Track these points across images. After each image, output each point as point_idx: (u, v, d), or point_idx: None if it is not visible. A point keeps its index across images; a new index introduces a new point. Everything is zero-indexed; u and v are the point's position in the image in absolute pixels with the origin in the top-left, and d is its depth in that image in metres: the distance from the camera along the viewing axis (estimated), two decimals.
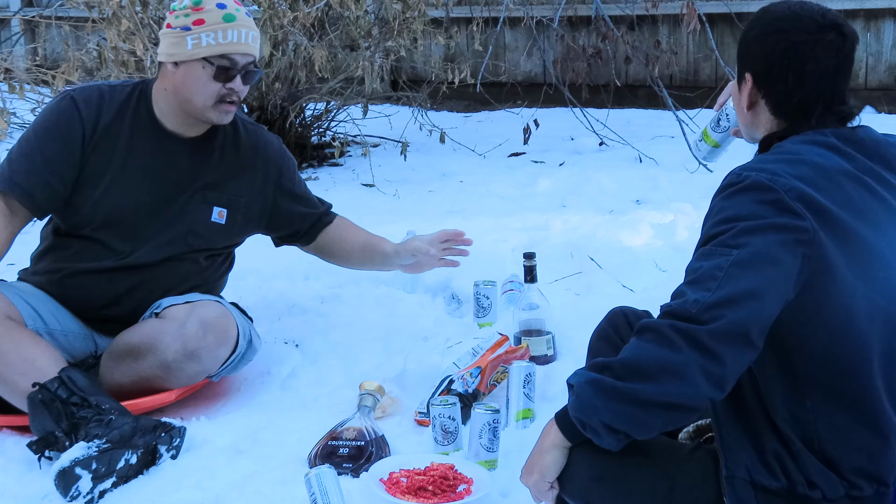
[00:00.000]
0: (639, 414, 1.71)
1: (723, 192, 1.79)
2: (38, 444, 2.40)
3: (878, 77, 6.20)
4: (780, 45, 1.88)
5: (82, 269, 2.76)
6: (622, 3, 6.46)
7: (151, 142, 2.76)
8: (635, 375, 1.70)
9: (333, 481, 2.15)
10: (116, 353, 2.68)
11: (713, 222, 1.77)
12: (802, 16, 1.89)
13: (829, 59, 1.85)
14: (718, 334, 1.67)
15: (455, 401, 2.46)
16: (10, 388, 2.52)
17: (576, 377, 1.79)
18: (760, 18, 1.97)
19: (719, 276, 1.69)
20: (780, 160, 1.80)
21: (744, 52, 1.97)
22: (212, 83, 2.67)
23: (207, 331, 2.64)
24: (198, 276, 2.87)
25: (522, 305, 3.04)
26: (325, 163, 5.75)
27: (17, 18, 6.98)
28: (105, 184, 2.72)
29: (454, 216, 4.49)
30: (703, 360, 1.66)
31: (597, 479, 1.81)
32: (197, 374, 2.68)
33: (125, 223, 2.74)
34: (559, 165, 5.42)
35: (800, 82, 1.87)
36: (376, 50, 5.43)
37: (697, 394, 1.68)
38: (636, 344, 1.73)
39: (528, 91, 6.68)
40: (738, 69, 1.99)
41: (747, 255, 1.69)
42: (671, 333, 1.68)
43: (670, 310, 1.71)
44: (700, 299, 1.68)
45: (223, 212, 2.84)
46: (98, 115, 2.72)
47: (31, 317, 2.68)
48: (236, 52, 2.67)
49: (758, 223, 1.71)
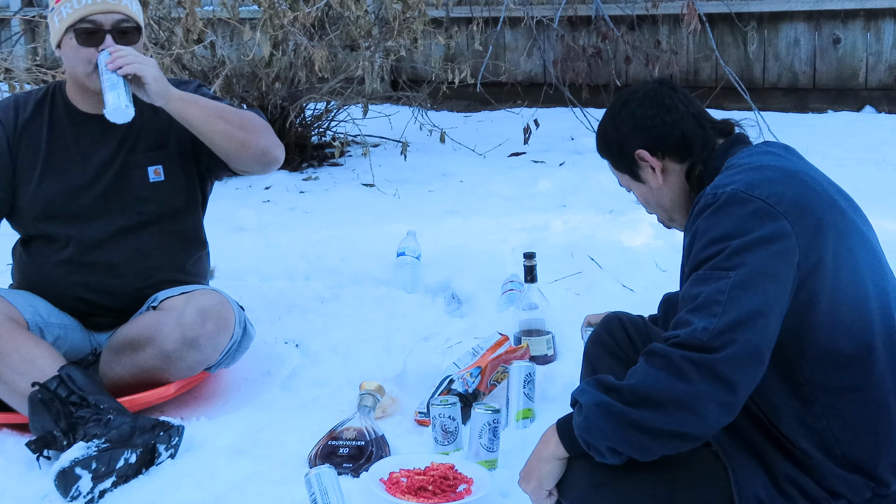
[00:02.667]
0: (646, 441, 1.71)
1: (703, 213, 1.80)
2: (36, 443, 2.40)
3: (878, 77, 6.20)
4: (641, 112, 2.02)
5: (50, 267, 2.79)
6: (622, 3, 6.46)
7: (71, 127, 2.80)
8: (645, 404, 1.69)
9: (333, 481, 2.15)
10: (116, 347, 2.69)
11: (702, 244, 1.77)
12: (636, 90, 2.07)
13: (676, 96, 2.04)
14: (733, 360, 1.66)
15: (455, 401, 2.46)
16: (9, 389, 2.53)
17: (584, 395, 1.78)
18: (614, 117, 2.08)
19: (722, 301, 1.68)
20: (742, 171, 1.84)
21: (619, 145, 2.06)
22: (82, 50, 2.66)
23: (206, 318, 2.65)
24: (165, 254, 2.84)
25: (522, 305, 3.04)
26: (326, 163, 5.75)
27: (17, 18, 6.98)
28: (37, 177, 2.76)
29: (454, 216, 4.49)
30: (717, 389, 1.66)
31: (596, 485, 1.81)
32: (197, 364, 2.69)
33: (65, 209, 2.76)
34: (559, 165, 5.42)
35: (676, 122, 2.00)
36: (376, 50, 5.43)
37: (707, 424, 1.69)
38: (646, 370, 1.71)
39: (528, 91, 6.68)
40: (620, 167, 2.08)
41: (746, 275, 1.69)
42: (683, 364, 1.66)
43: (679, 341, 1.69)
44: (708, 326, 1.67)
45: (158, 169, 2.82)
46: (16, 117, 2.79)
47: (30, 312, 2.69)
48: (94, 12, 2.64)
49: (747, 239, 1.72)
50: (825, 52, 6.29)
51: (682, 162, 2.01)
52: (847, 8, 6.14)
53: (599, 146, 2.12)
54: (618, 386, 1.73)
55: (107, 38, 2.65)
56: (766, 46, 6.43)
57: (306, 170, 5.61)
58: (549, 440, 1.86)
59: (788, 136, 5.19)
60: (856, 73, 6.24)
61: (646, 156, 2.01)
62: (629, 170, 2.06)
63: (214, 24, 5.47)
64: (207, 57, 5.48)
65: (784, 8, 6.30)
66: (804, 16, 6.30)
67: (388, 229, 4.07)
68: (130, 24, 2.70)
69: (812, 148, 5.07)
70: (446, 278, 3.58)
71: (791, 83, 6.41)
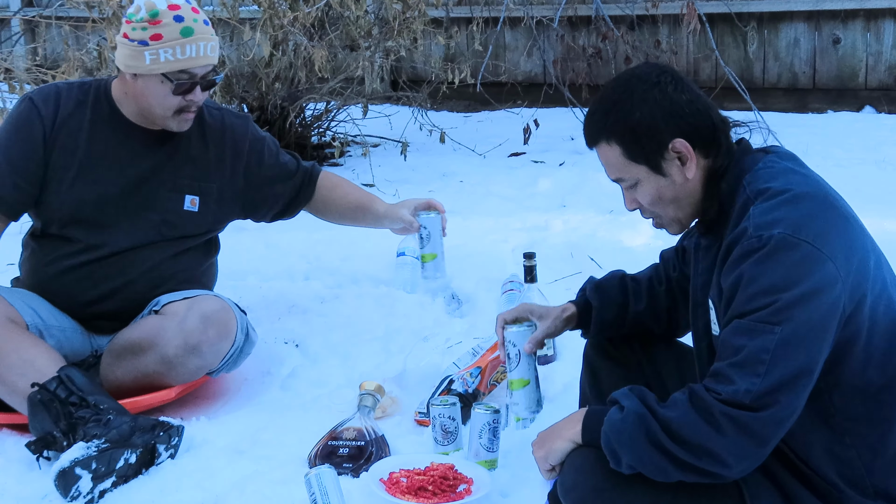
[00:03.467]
0: (669, 468, 1.72)
1: (748, 257, 1.72)
2: (36, 444, 2.40)
3: (878, 77, 6.20)
4: (677, 96, 1.84)
5: (60, 269, 2.77)
6: (622, 3, 6.46)
7: (114, 133, 2.77)
8: (677, 440, 1.69)
9: (333, 481, 2.15)
10: (117, 351, 2.68)
11: (749, 294, 1.70)
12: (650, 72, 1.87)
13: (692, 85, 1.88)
14: (772, 420, 1.67)
15: (455, 401, 2.46)
16: (9, 389, 2.53)
17: (627, 400, 1.77)
18: (644, 98, 1.84)
19: (766, 360, 1.66)
20: (781, 204, 1.75)
21: (650, 132, 1.83)
22: (171, 97, 2.67)
23: (208, 325, 2.64)
24: (178, 264, 2.85)
25: None
26: (326, 163, 5.75)
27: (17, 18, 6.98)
28: (70, 178, 2.74)
29: (454, 216, 4.47)
30: (749, 445, 1.67)
31: (598, 489, 1.81)
32: (198, 369, 2.68)
33: (93, 216, 2.75)
34: (559, 165, 5.42)
35: (706, 111, 1.85)
36: (376, 50, 5.43)
37: (732, 473, 1.70)
38: (686, 410, 1.70)
39: (528, 91, 6.67)
40: (639, 156, 1.85)
41: (792, 332, 1.66)
42: (721, 418, 1.66)
43: (721, 399, 1.67)
44: (751, 389, 1.65)
45: (195, 199, 2.83)
46: (56, 112, 2.74)
47: (29, 314, 2.69)
48: (195, 66, 2.65)
49: (796, 294, 1.67)
50: (825, 52, 6.29)
51: (706, 157, 1.86)
52: (847, 8, 6.14)
53: (613, 129, 1.85)
54: (655, 409, 1.73)
55: (197, 89, 2.68)
56: (766, 46, 6.42)
57: None
58: (574, 422, 1.86)
59: (788, 136, 5.19)
60: (856, 74, 6.24)
61: (683, 146, 1.83)
62: (651, 160, 1.84)
63: (214, 24, 5.45)
64: None
65: (784, 8, 6.29)
66: (804, 16, 6.30)
67: (388, 229, 4.07)
68: (214, 72, 2.74)
69: (812, 148, 5.07)
70: (446, 278, 3.58)
71: (791, 83, 6.41)
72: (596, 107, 1.90)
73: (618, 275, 2.27)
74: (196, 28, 2.65)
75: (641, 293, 2.21)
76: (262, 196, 2.99)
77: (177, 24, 2.62)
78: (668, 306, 2.21)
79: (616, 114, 1.84)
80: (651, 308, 2.21)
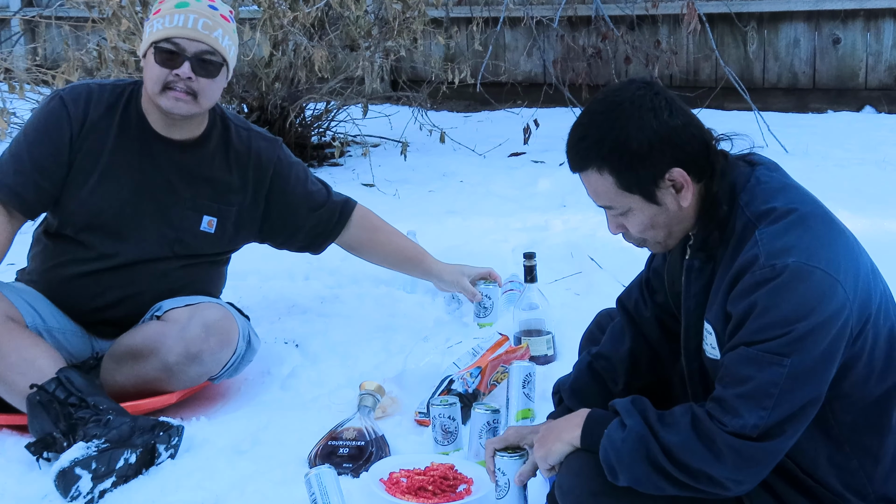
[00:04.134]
0: (666, 487, 1.72)
1: (761, 286, 1.68)
2: (36, 445, 2.40)
3: (878, 77, 6.20)
4: (672, 122, 1.75)
5: (70, 273, 2.75)
6: (622, 3, 6.46)
7: (139, 143, 2.74)
8: (677, 464, 1.69)
9: (333, 481, 2.15)
10: (118, 356, 2.68)
11: (762, 325, 1.67)
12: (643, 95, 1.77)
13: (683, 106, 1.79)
14: (779, 450, 1.68)
15: (455, 401, 2.46)
16: (9, 388, 2.52)
17: (630, 417, 1.74)
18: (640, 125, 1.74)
19: (774, 394, 1.65)
20: (790, 227, 1.71)
21: (644, 161, 1.74)
22: (157, 68, 2.63)
23: (210, 333, 2.64)
24: (189, 278, 2.84)
25: (522, 305, 3.04)
26: (325, 163, 5.75)
27: (17, 18, 6.98)
28: (92, 183, 2.71)
29: (454, 216, 4.49)
30: (751, 472, 1.67)
31: (595, 493, 1.81)
32: (199, 377, 2.68)
33: (109, 224, 2.72)
34: (559, 165, 5.41)
35: (699, 135, 1.78)
36: (376, 50, 5.43)
37: (730, 496, 1.71)
38: (687, 437, 1.69)
39: (528, 91, 6.67)
40: (632, 186, 1.77)
41: (801, 366, 1.65)
42: (724, 448, 1.66)
43: (727, 430, 1.66)
44: (759, 424, 1.65)
45: (213, 221, 2.81)
46: (86, 114, 2.71)
47: (30, 315, 2.68)
48: (181, 36, 2.61)
49: (811, 324, 1.65)
50: (825, 52, 6.29)
51: (699, 181, 1.79)
52: (847, 8, 6.14)
53: (606, 158, 1.76)
54: (657, 431, 1.71)
55: (185, 64, 2.62)
56: (766, 46, 6.43)
57: None
58: (573, 426, 1.85)
59: (788, 136, 5.19)
60: (856, 73, 6.24)
61: (680, 176, 1.76)
62: (645, 190, 1.77)
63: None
64: None
65: (784, 8, 6.29)
66: (804, 16, 6.30)
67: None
68: (215, 57, 2.66)
69: (812, 148, 5.07)
70: None
71: (791, 83, 6.41)
72: (585, 132, 1.80)
73: (584, 364, 2.18)
74: (192, 4, 2.64)
75: (616, 371, 2.12)
76: (281, 223, 2.95)
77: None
78: (650, 356, 2.12)
79: (610, 143, 1.75)
80: (633, 374, 2.13)
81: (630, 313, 2.15)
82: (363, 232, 3.05)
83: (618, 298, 2.21)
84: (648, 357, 2.12)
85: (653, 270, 2.12)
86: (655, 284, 2.11)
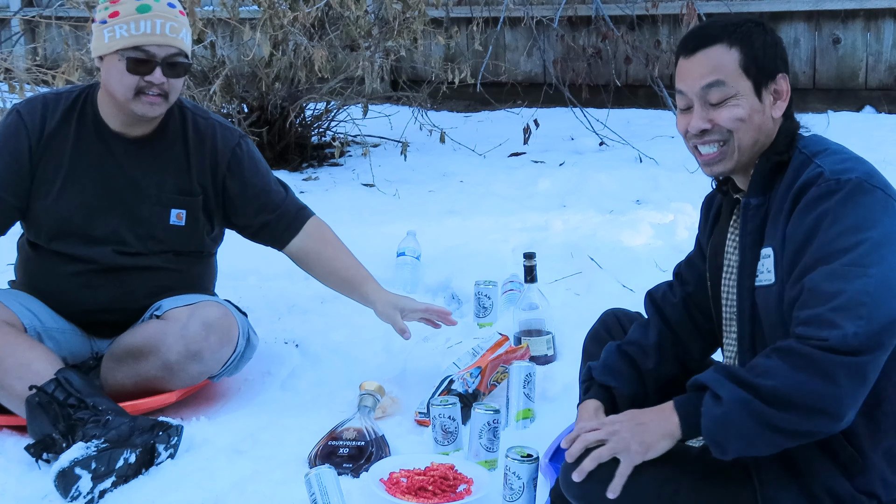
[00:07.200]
0: (780, 441, 1.70)
1: (827, 198, 1.75)
2: (35, 447, 2.40)
3: (878, 77, 6.20)
4: (782, 44, 1.97)
5: (57, 281, 2.75)
6: (622, 3, 6.46)
7: (97, 144, 2.73)
8: (785, 406, 1.66)
9: (333, 481, 2.15)
10: (118, 355, 2.68)
11: (835, 232, 1.72)
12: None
13: None
14: (879, 362, 1.67)
15: (455, 401, 2.46)
16: (7, 393, 2.52)
17: (722, 388, 1.72)
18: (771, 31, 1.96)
19: (867, 303, 1.65)
20: (846, 159, 1.83)
21: (772, 54, 1.93)
22: (128, 76, 2.61)
23: (210, 332, 2.64)
24: (177, 273, 2.83)
25: (522, 305, 3.04)
26: (325, 163, 5.75)
27: (17, 18, 6.98)
28: (56, 191, 2.71)
29: (454, 216, 4.49)
30: (861, 390, 1.66)
31: (601, 479, 1.80)
32: (199, 375, 2.68)
33: (79, 228, 2.71)
34: (559, 165, 5.42)
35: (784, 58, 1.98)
36: (376, 50, 5.43)
37: (842, 424, 1.68)
38: (788, 372, 1.67)
39: (528, 91, 6.68)
40: (752, 70, 1.90)
41: (885, 275, 1.67)
42: (835, 368, 1.64)
43: (829, 345, 1.65)
44: (859, 332, 1.64)
45: (181, 213, 2.79)
46: (43, 124, 2.71)
47: (28, 318, 2.68)
48: (150, 43, 2.60)
49: (881, 234, 1.70)
50: (825, 52, 6.29)
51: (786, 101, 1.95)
52: (847, 8, 6.14)
53: (741, 37, 1.90)
54: (756, 384, 1.69)
55: (156, 70, 2.62)
56: None
57: (306, 170, 5.61)
58: (668, 418, 1.81)
59: None
60: (856, 74, 6.24)
61: (786, 84, 1.94)
62: (759, 81, 1.90)
63: (214, 24, 5.47)
64: (207, 57, 5.48)
65: (784, 8, 6.29)
66: (804, 16, 6.30)
67: (388, 229, 4.07)
68: (182, 58, 2.67)
69: None
70: (446, 278, 3.58)
71: (791, 83, 6.37)
72: (721, 18, 1.96)
73: (612, 349, 2.18)
74: (154, 7, 2.62)
75: (647, 353, 2.14)
76: (238, 202, 2.86)
77: (135, 1, 2.61)
78: (676, 348, 2.15)
79: (746, 26, 1.90)
80: (661, 360, 2.14)
81: (657, 303, 2.21)
82: (312, 242, 2.93)
83: (647, 292, 2.27)
84: (674, 348, 2.15)
85: (696, 243, 2.19)
86: (697, 260, 2.17)
